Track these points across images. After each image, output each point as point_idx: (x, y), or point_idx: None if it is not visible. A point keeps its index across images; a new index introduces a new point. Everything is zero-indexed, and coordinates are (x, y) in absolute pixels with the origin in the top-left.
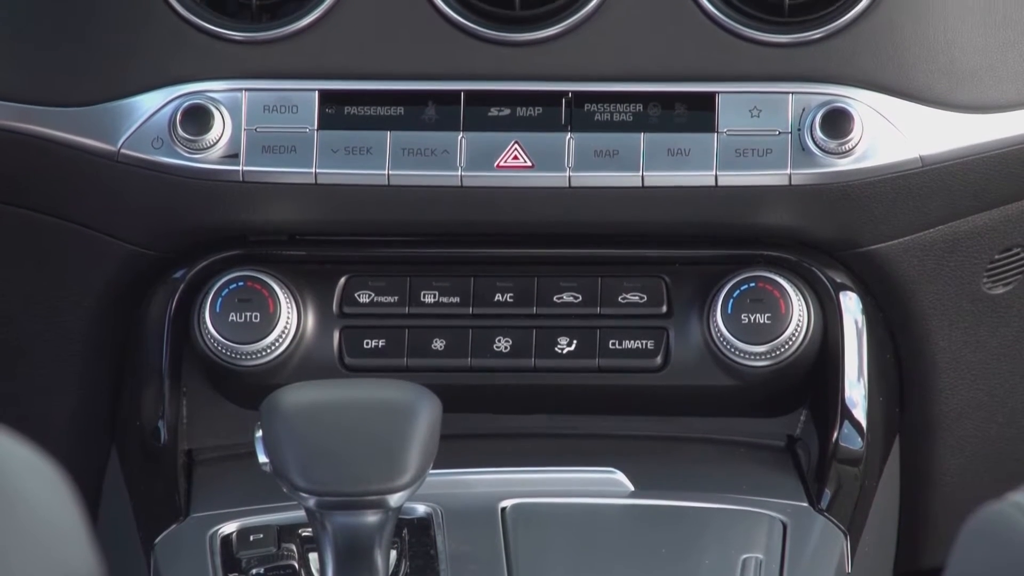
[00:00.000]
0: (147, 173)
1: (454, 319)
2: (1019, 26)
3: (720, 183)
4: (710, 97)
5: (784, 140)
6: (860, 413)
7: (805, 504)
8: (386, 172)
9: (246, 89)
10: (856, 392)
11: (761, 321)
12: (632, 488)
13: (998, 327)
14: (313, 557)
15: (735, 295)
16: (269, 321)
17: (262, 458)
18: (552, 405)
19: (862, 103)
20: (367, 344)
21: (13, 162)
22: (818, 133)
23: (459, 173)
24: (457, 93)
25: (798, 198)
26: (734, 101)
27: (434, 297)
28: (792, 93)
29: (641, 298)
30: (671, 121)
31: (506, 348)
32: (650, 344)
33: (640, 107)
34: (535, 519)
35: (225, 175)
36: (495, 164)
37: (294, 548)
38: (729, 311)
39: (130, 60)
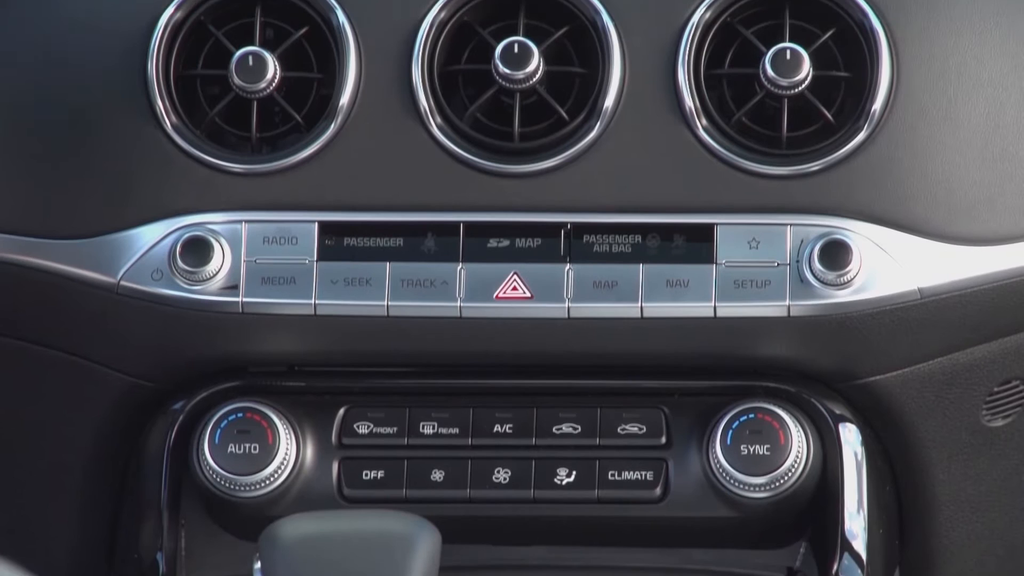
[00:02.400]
0: (146, 305)
1: (453, 450)
2: (1016, 159)
3: (719, 314)
4: (708, 228)
5: (783, 272)
6: (860, 545)
7: None
8: (385, 303)
9: (246, 221)
10: (856, 524)
11: (760, 452)
12: None
13: (997, 460)
14: None
15: (734, 426)
16: (268, 452)
17: None
18: (552, 536)
19: (860, 235)
20: (366, 475)
21: (12, 294)
22: (816, 265)
23: (458, 304)
24: (456, 224)
25: (797, 329)
26: (732, 232)
27: (433, 428)
28: (790, 225)
29: (640, 429)
30: (670, 252)
31: (505, 479)
32: (649, 475)
33: (639, 238)
34: None
35: (225, 307)
36: (494, 295)
37: None
38: (728, 442)
39: (131, 192)
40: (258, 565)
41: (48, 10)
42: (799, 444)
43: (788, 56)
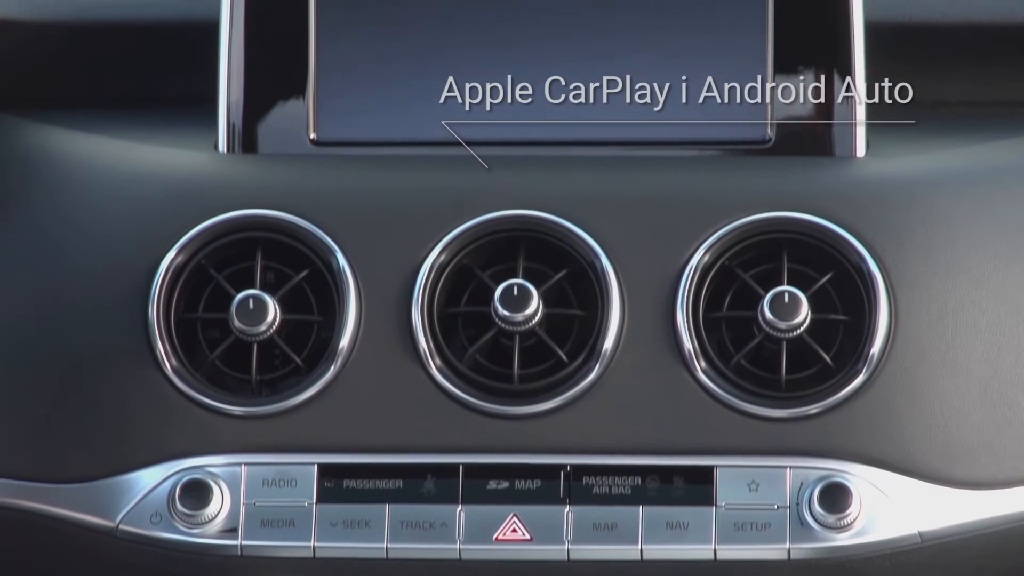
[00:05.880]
0: (145, 548)
1: None
2: (1015, 405)
3: (719, 557)
4: (708, 471)
5: (783, 514)
6: None
7: None
8: (384, 545)
9: (245, 463)
10: None
11: None
12: None
13: None
14: None
15: None
16: None
17: None
18: None
19: (860, 478)
20: None
21: (8, 539)
22: (816, 508)
23: (457, 546)
24: (456, 466)
25: (797, 572)
26: (732, 475)
27: None
28: (790, 467)
29: None
30: (669, 494)
31: None
32: None
33: (638, 480)
34: None
35: (224, 550)
36: (494, 537)
37: None
38: None
39: (130, 436)
40: None
41: (50, 253)
42: None
43: (786, 299)
